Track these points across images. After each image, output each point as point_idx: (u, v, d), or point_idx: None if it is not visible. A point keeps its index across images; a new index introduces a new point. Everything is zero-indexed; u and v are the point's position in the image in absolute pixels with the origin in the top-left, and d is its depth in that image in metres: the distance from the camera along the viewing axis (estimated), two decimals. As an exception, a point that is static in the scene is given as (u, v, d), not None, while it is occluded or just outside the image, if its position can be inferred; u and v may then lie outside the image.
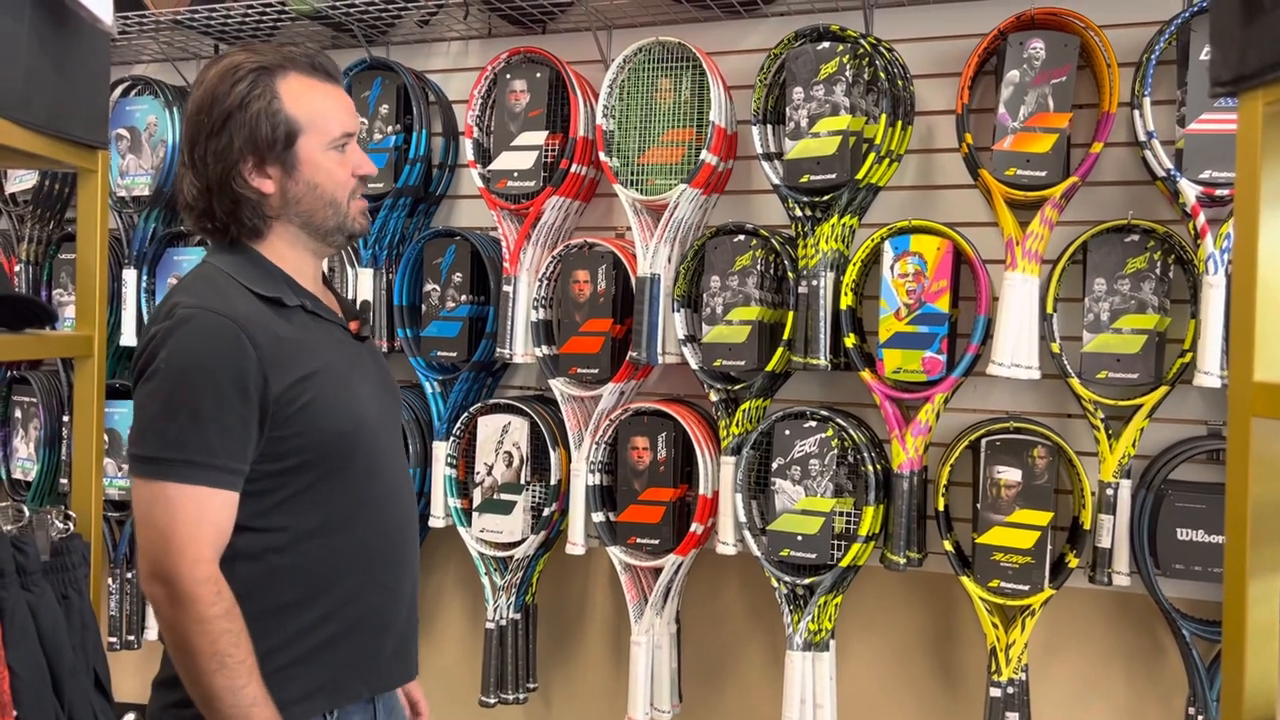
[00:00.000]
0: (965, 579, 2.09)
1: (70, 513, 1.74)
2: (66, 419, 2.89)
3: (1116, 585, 2.04)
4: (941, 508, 2.13)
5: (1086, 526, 2.04)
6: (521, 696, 2.49)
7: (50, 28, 1.62)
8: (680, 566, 2.34)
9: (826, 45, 2.17)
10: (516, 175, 2.44)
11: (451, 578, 2.73)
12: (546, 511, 2.42)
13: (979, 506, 2.10)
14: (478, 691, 2.47)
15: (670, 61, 2.35)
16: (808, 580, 2.18)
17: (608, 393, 2.37)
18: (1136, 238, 2.04)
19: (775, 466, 2.22)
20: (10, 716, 1.45)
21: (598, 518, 2.37)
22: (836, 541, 2.19)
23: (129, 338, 2.79)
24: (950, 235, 2.10)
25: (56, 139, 1.70)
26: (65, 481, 2.89)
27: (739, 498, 2.24)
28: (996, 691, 2.06)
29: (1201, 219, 1.93)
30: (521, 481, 2.46)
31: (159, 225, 2.83)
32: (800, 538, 2.18)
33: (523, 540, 2.44)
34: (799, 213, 2.20)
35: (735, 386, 2.28)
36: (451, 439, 2.52)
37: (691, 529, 2.29)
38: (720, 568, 2.46)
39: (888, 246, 2.13)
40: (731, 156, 2.41)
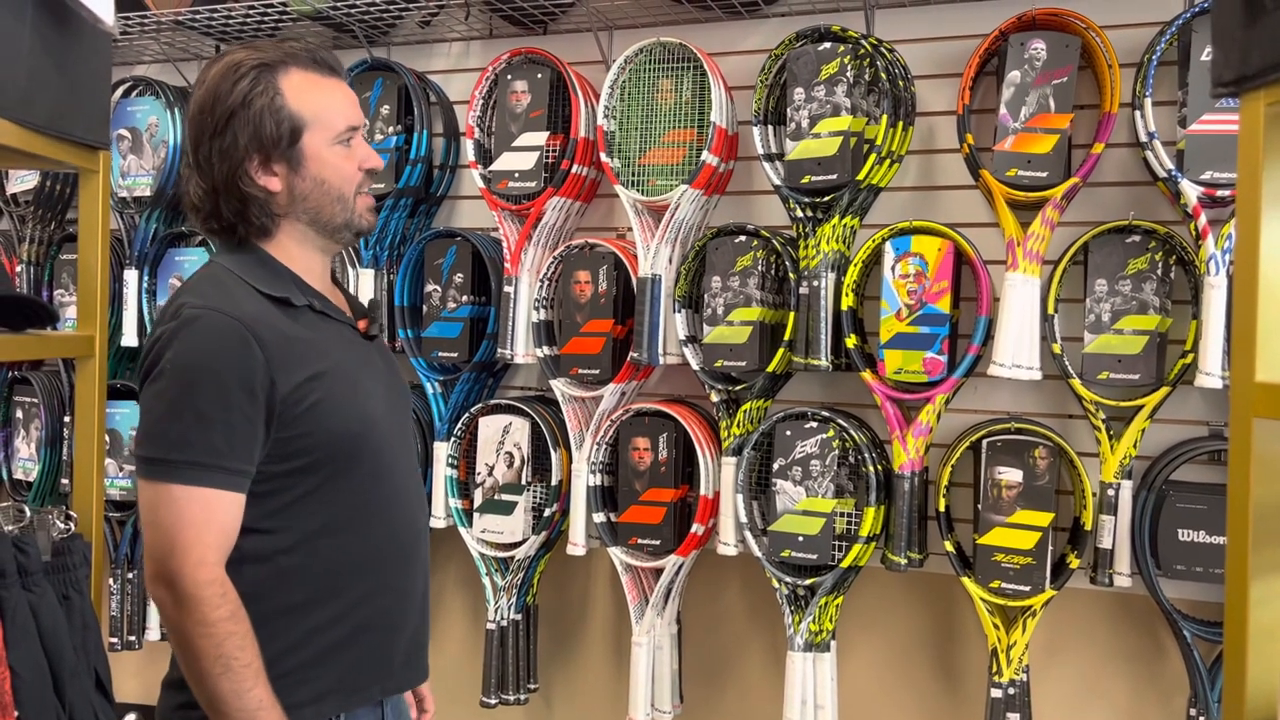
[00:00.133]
0: (966, 580, 2.09)
1: (71, 513, 1.74)
2: (68, 419, 2.89)
3: (1118, 586, 2.04)
4: (942, 508, 2.13)
5: (1088, 527, 2.04)
6: (522, 697, 2.49)
7: (52, 28, 1.62)
8: (681, 567, 2.34)
9: (827, 46, 2.17)
10: (517, 176, 2.44)
11: (452, 578, 2.72)
12: (547, 512, 2.42)
13: (980, 507, 2.10)
14: (479, 692, 2.47)
15: (671, 62, 2.35)
16: (809, 581, 2.18)
17: (609, 393, 2.37)
18: (1138, 238, 2.04)
19: (776, 467, 2.22)
20: (11, 716, 1.45)
21: (599, 518, 2.37)
22: (837, 542, 2.19)
23: (130, 338, 2.79)
24: (951, 236, 2.10)
25: (58, 139, 1.70)
26: (66, 482, 2.89)
27: (740, 498, 2.24)
28: (997, 692, 2.06)
29: (1203, 220, 1.93)
30: (522, 482, 2.46)
31: (160, 226, 2.83)
32: (801, 538, 2.18)
33: (524, 541, 2.44)
34: (800, 213, 2.20)
35: (736, 387, 2.28)
36: (452, 439, 2.52)
37: (692, 530, 2.29)
38: (721, 568, 2.46)
39: (889, 247, 2.13)
40: (732, 157, 2.41)
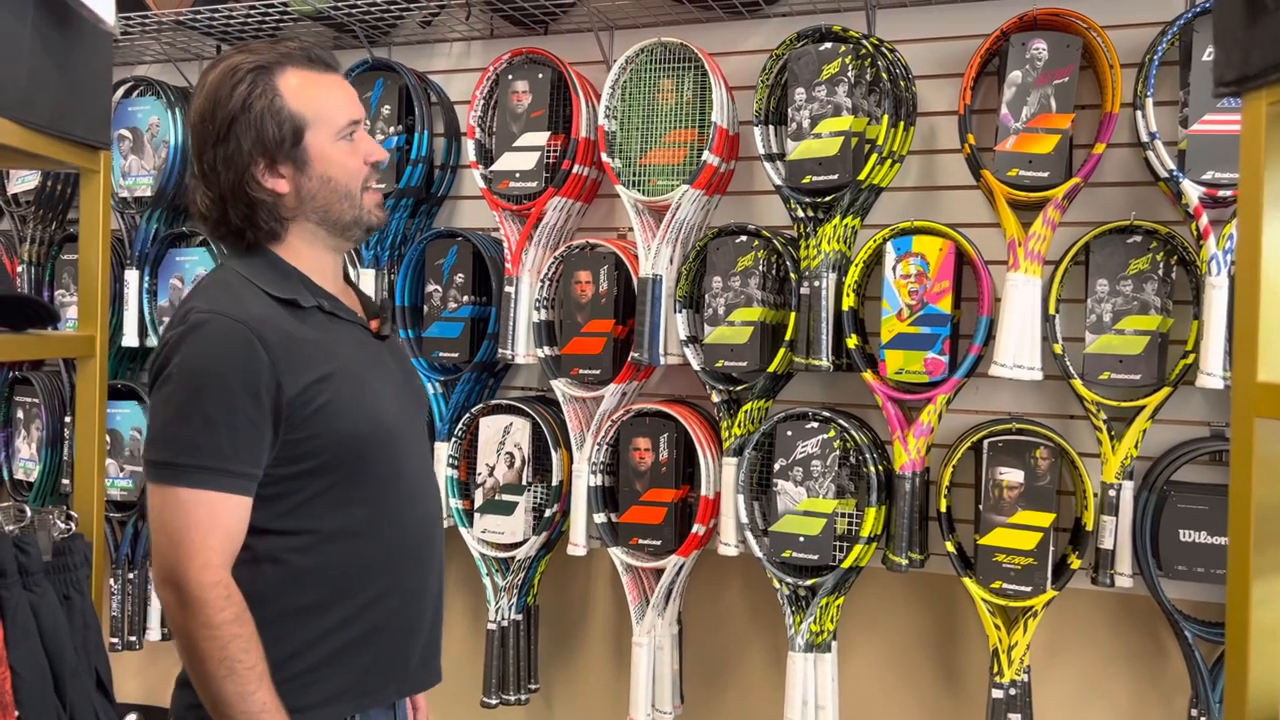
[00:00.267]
0: (967, 580, 2.09)
1: (72, 513, 1.74)
2: (68, 419, 2.89)
3: (1119, 586, 2.04)
4: (944, 509, 2.13)
5: (1089, 528, 2.03)
6: (523, 697, 2.49)
7: (53, 28, 1.62)
8: (682, 568, 2.34)
9: (829, 46, 2.17)
10: (518, 176, 2.44)
11: (453, 579, 2.72)
12: (548, 512, 2.42)
13: (981, 508, 2.10)
14: (479, 692, 2.47)
15: (672, 62, 2.35)
16: (809, 581, 2.18)
17: (609, 394, 2.37)
18: (1139, 239, 2.04)
19: (777, 468, 2.22)
20: (12, 716, 1.45)
21: (599, 519, 2.37)
22: (838, 543, 2.19)
23: (131, 338, 2.79)
24: (952, 236, 2.10)
25: (59, 139, 1.70)
26: (67, 482, 2.89)
27: (741, 499, 2.23)
28: (998, 693, 2.06)
29: (1204, 220, 1.93)
30: (523, 482, 2.46)
31: (161, 226, 2.83)
32: (802, 539, 2.18)
33: (524, 541, 2.44)
34: (801, 213, 2.20)
35: (737, 387, 2.27)
36: (453, 440, 2.52)
37: (693, 530, 2.29)
38: (722, 569, 2.46)
39: (890, 247, 2.13)
40: (733, 157, 2.40)
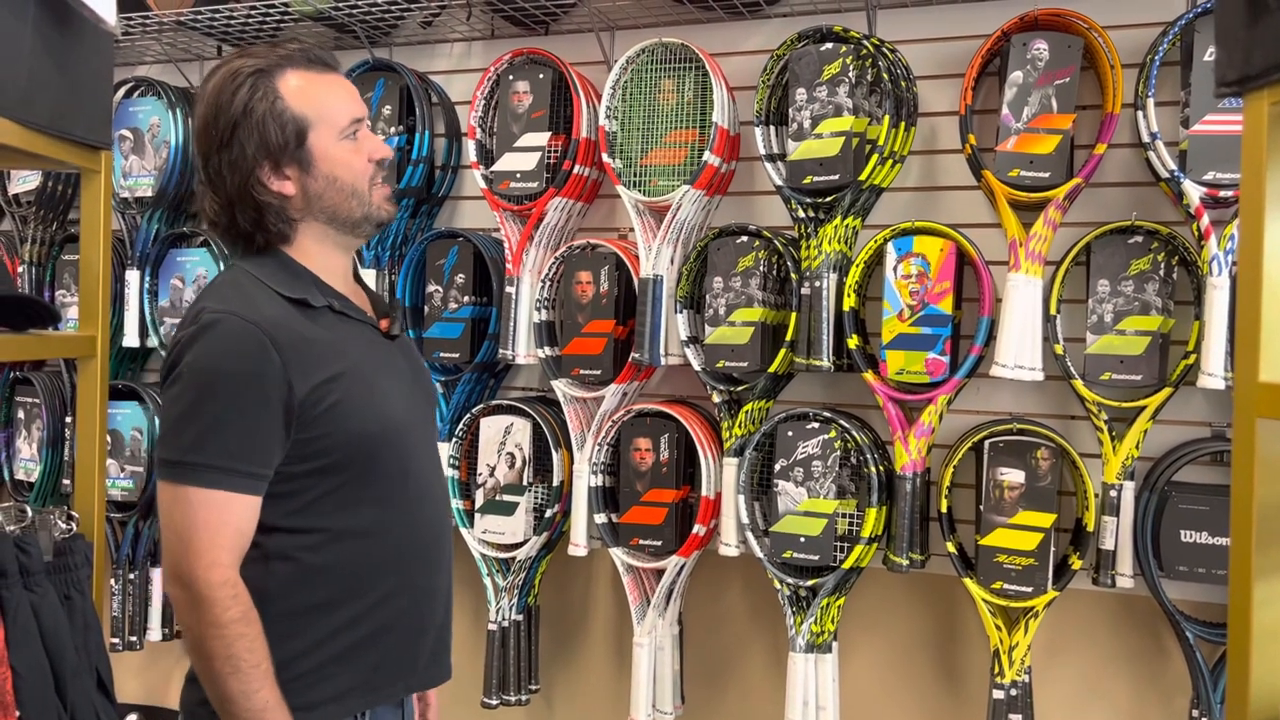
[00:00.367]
0: (968, 581, 2.09)
1: (73, 513, 1.74)
2: (69, 420, 2.89)
3: (1120, 587, 2.03)
4: (944, 509, 2.12)
5: (1090, 528, 2.03)
6: (524, 698, 2.49)
7: (54, 28, 1.62)
8: (683, 568, 2.34)
9: (829, 46, 2.17)
10: (519, 176, 2.44)
11: (454, 579, 2.72)
12: (549, 513, 2.42)
13: (982, 508, 2.10)
14: (480, 693, 2.47)
15: (673, 62, 2.35)
16: (810, 582, 2.18)
17: (610, 394, 2.37)
18: (1140, 239, 2.04)
19: (778, 468, 2.22)
20: (13, 716, 1.45)
21: (600, 519, 2.37)
22: (839, 543, 2.18)
23: (132, 339, 2.80)
24: (953, 236, 2.10)
25: (60, 139, 1.70)
26: (68, 482, 2.89)
27: (741, 499, 2.23)
28: (999, 693, 2.06)
29: (1205, 220, 1.93)
30: (524, 483, 2.46)
31: (162, 226, 2.83)
32: (803, 539, 2.18)
33: (525, 542, 2.44)
34: (802, 214, 2.20)
35: (738, 388, 2.27)
36: (454, 440, 2.52)
37: (694, 530, 2.29)
38: (723, 569, 2.46)
39: (891, 248, 2.13)
40: (734, 158, 2.40)
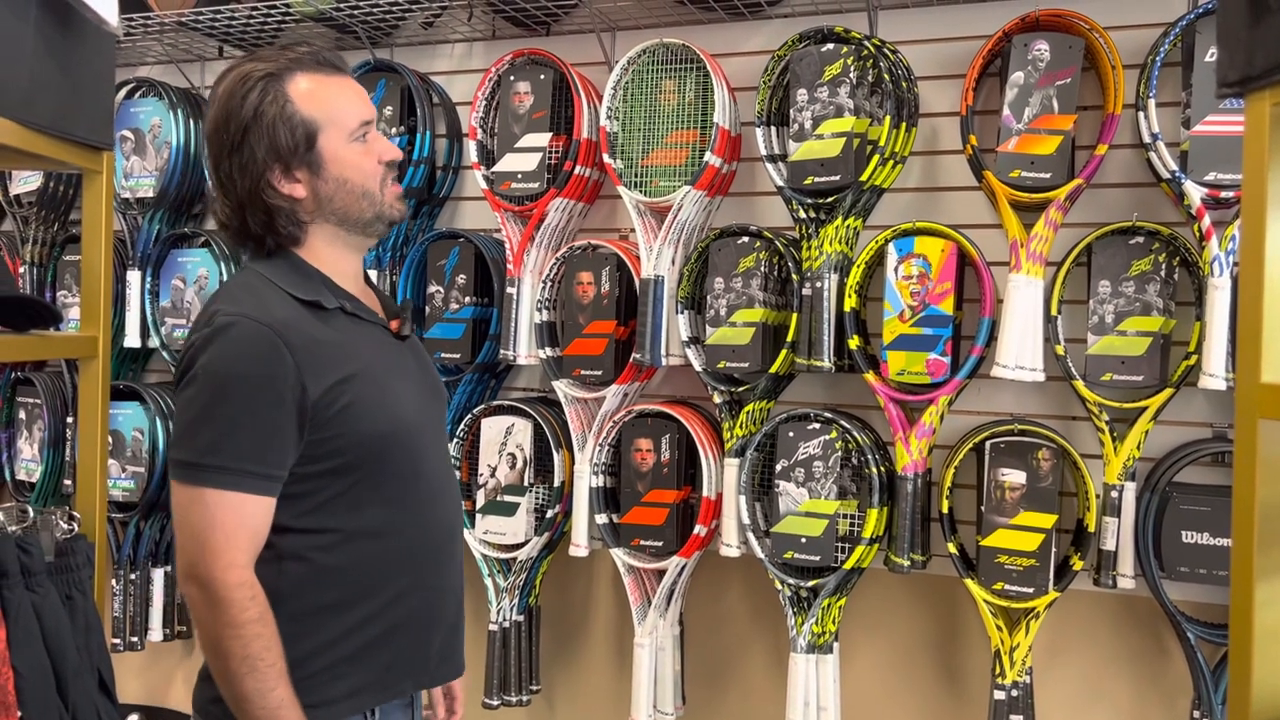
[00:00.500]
0: (969, 581, 2.09)
1: (74, 514, 1.74)
2: (70, 420, 2.89)
3: (1121, 588, 2.03)
4: (946, 510, 2.12)
5: (1091, 529, 2.03)
6: (525, 698, 2.49)
7: (55, 29, 1.62)
8: (684, 568, 2.34)
9: (831, 47, 2.17)
10: (520, 177, 2.44)
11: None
12: (550, 513, 2.42)
13: (983, 509, 2.10)
14: (481, 693, 2.47)
15: (674, 63, 2.35)
16: (811, 583, 2.18)
17: (611, 394, 2.37)
18: (1141, 240, 2.04)
19: (779, 469, 2.22)
20: (15, 717, 1.45)
21: (601, 520, 2.37)
22: (840, 544, 2.18)
23: (133, 339, 2.80)
24: (954, 237, 2.10)
25: (61, 140, 1.70)
26: (69, 483, 2.89)
27: (743, 500, 2.23)
28: (1000, 694, 2.06)
29: (1206, 221, 1.93)
30: (525, 483, 2.46)
31: (163, 227, 2.83)
32: (804, 540, 2.18)
33: (526, 542, 2.44)
34: (803, 214, 2.20)
35: (739, 388, 2.27)
36: (455, 441, 2.52)
37: (695, 531, 2.29)
38: (724, 570, 2.46)
39: (892, 248, 2.13)
40: (735, 158, 2.40)
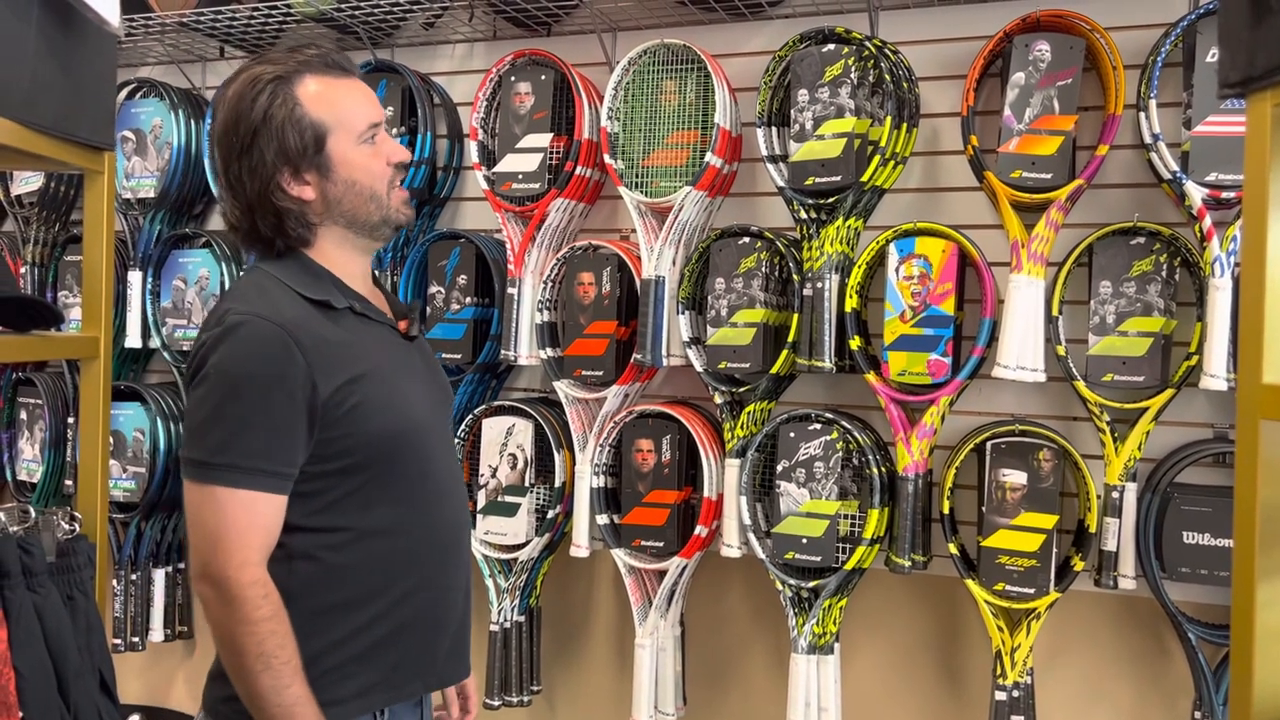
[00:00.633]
0: (970, 582, 2.09)
1: (76, 514, 1.74)
2: (71, 420, 2.89)
3: (1122, 588, 2.03)
4: (946, 510, 2.12)
5: (1092, 530, 2.03)
6: (526, 699, 2.49)
7: (57, 29, 1.62)
8: (685, 569, 2.34)
9: (831, 47, 2.17)
10: (521, 177, 2.44)
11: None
12: (551, 514, 2.42)
13: (984, 509, 2.10)
14: (482, 694, 2.47)
15: (675, 64, 2.35)
16: (812, 583, 2.18)
17: (612, 395, 2.37)
18: (1142, 240, 2.04)
19: (780, 469, 2.22)
20: (16, 717, 1.45)
21: (602, 520, 2.37)
22: (841, 544, 2.18)
23: (134, 340, 2.80)
24: (955, 238, 2.10)
25: (63, 141, 1.70)
26: (70, 483, 2.89)
27: (744, 500, 2.23)
28: (1001, 695, 2.06)
29: (1207, 221, 1.93)
30: (526, 484, 2.46)
31: (164, 227, 2.84)
32: (805, 540, 2.18)
33: (527, 542, 2.44)
34: (804, 215, 2.20)
35: (740, 389, 2.27)
36: (456, 441, 2.52)
37: (696, 531, 2.29)
38: (725, 570, 2.46)
39: (893, 249, 2.13)
40: (736, 159, 2.40)
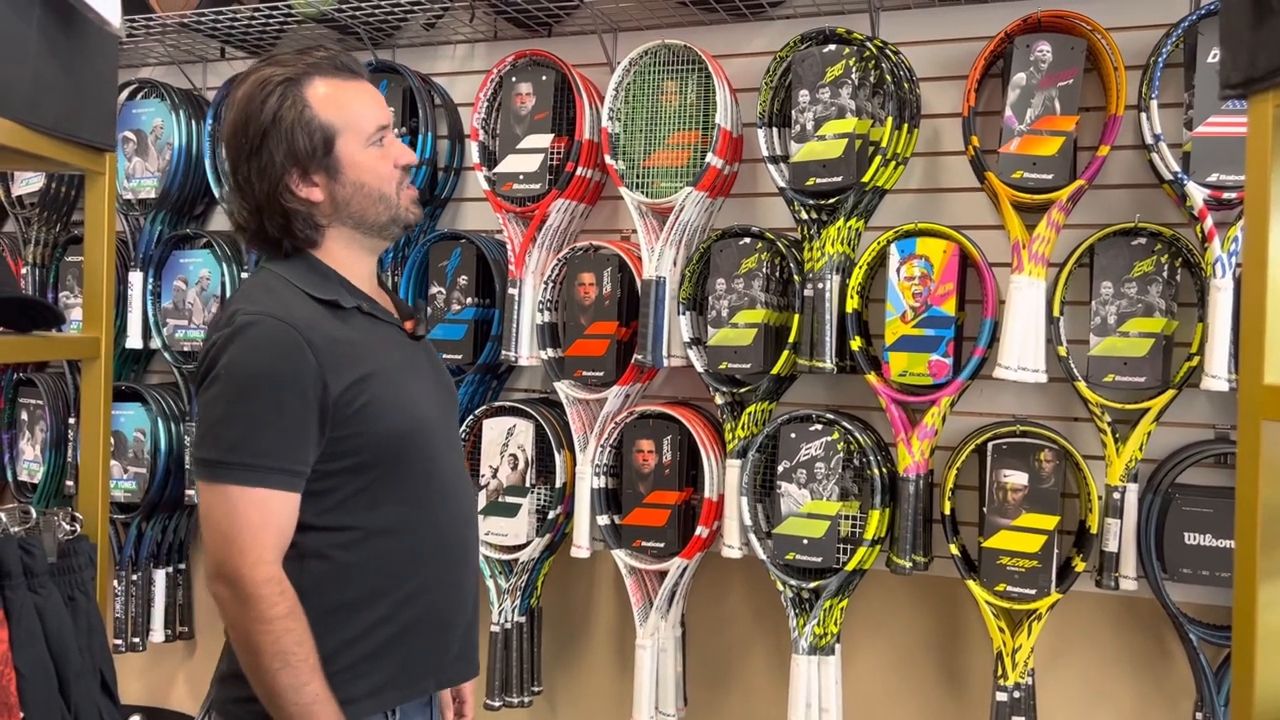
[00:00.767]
0: (971, 583, 2.09)
1: (77, 515, 1.74)
2: (72, 421, 2.89)
3: (1123, 589, 2.03)
4: (947, 511, 2.12)
5: (1093, 530, 2.03)
6: (526, 700, 2.49)
7: (58, 30, 1.62)
8: (685, 570, 2.34)
9: (832, 48, 2.17)
10: (522, 178, 2.44)
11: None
12: (551, 514, 2.42)
13: (985, 510, 2.10)
14: (483, 694, 2.47)
15: (676, 64, 2.35)
16: (813, 584, 2.17)
17: (613, 395, 2.37)
18: (1143, 241, 2.04)
19: (781, 470, 2.22)
20: (17, 717, 1.45)
21: (603, 521, 2.37)
22: (842, 545, 2.18)
23: (135, 340, 2.80)
24: (956, 238, 2.10)
25: (64, 141, 1.70)
26: (71, 484, 2.89)
27: (744, 501, 2.23)
28: (1003, 696, 2.05)
29: (1209, 222, 1.93)
30: (526, 484, 2.46)
31: (165, 228, 2.84)
32: (806, 541, 2.18)
33: (528, 543, 2.44)
34: (805, 215, 2.20)
35: (741, 389, 2.27)
36: (457, 442, 2.52)
37: (697, 532, 2.29)
38: (725, 571, 2.46)
39: (894, 249, 2.13)
40: (737, 159, 2.40)
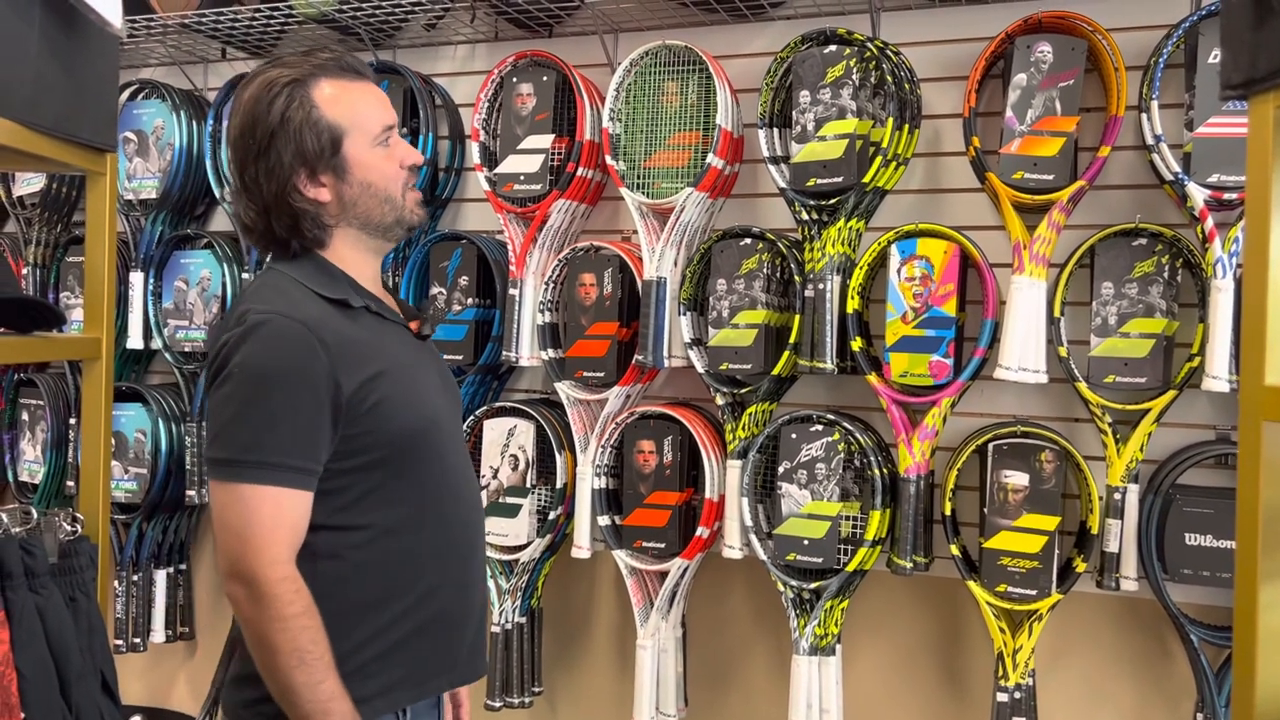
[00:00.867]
0: (972, 583, 2.09)
1: (77, 515, 1.74)
2: (73, 421, 2.90)
3: (1124, 590, 2.03)
4: (948, 512, 2.12)
5: (1094, 531, 2.03)
6: (527, 700, 2.49)
7: (59, 31, 1.62)
8: (686, 570, 2.34)
9: (833, 49, 2.17)
10: (523, 178, 2.44)
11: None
12: (552, 515, 2.42)
13: (986, 511, 2.10)
14: (483, 695, 2.47)
15: (677, 65, 2.35)
16: (814, 584, 2.17)
17: (613, 396, 2.37)
18: (1144, 241, 2.04)
19: (781, 470, 2.22)
20: (18, 718, 1.45)
21: (603, 521, 2.37)
22: (843, 546, 2.18)
23: (136, 341, 2.80)
24: (957, 239, 2.10)
25: (65, 142, 1.71)
26: (72, 484, 2.89)
27: (745, 501, 2.23)
28: (1003, 696, 2.05)
29: (1209, 222, 1.93)
30: (527, 485, 2.46)
31: (166, 228, 2.84)
32: (806, 542, 2.18)
33: (528, 544, 2.44)
34: (805, 216, 2.20)
35: (741, 390, 2.27)
36: (457, 442, 2.52)
37: (697, 533, 2.29)
38: (726, 571, 2.46)
39: (894, 250, 2.13)
40: (738, 160, 2.40)
